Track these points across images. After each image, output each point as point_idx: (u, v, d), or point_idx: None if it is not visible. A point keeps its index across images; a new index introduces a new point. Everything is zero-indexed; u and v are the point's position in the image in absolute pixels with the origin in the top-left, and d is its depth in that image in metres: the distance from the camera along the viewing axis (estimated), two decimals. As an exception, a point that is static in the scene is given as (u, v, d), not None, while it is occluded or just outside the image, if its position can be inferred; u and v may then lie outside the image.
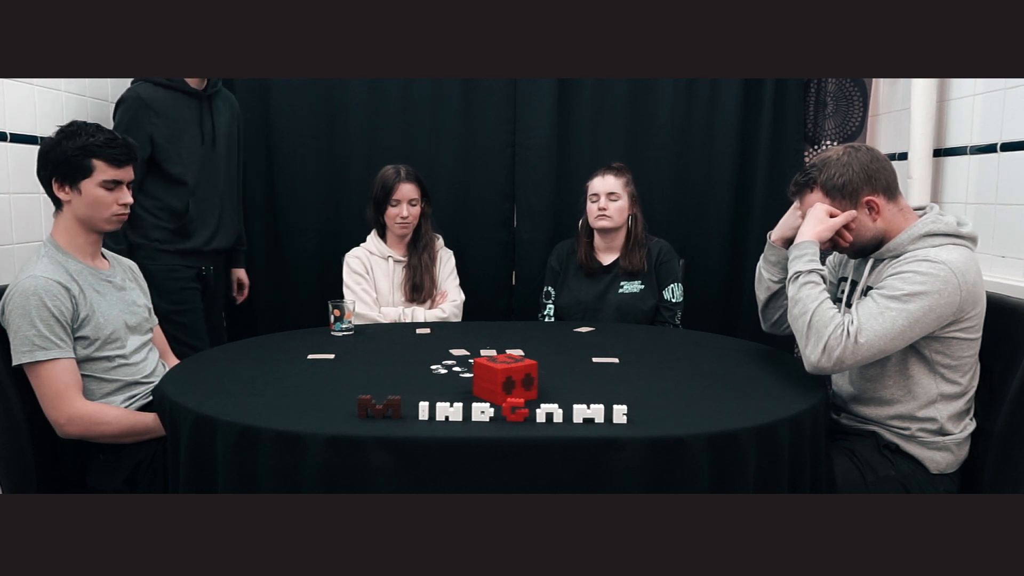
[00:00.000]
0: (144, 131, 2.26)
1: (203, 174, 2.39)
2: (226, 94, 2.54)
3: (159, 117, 2.29)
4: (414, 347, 1.93)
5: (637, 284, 2.42)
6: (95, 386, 1.68)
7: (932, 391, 1.56)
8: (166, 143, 2.31)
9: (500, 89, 2.80)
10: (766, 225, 2.20)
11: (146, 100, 2.27)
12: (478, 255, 2.87)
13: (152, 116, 2.28)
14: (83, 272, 1.70)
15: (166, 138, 2.31)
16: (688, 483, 1.22)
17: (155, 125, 2.28)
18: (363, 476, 1.22)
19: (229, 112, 2.52)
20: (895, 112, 2.70)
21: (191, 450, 1.36)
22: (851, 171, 1.59)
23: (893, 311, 1.47)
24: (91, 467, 1.68)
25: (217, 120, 2.43)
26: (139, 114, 2.27)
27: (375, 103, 2.80)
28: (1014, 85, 2.06)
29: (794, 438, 1.35)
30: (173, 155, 2.32)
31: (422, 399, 1.32)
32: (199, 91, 2.38)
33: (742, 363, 1.76)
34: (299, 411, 1.37)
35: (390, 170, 2.41)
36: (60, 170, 1.66)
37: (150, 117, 2.27)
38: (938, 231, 1.54)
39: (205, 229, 2.41)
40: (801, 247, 1.62)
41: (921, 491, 1.56)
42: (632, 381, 1.59)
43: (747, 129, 2.83)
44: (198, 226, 2.38)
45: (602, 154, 2.75)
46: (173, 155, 2.32)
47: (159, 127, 2.29)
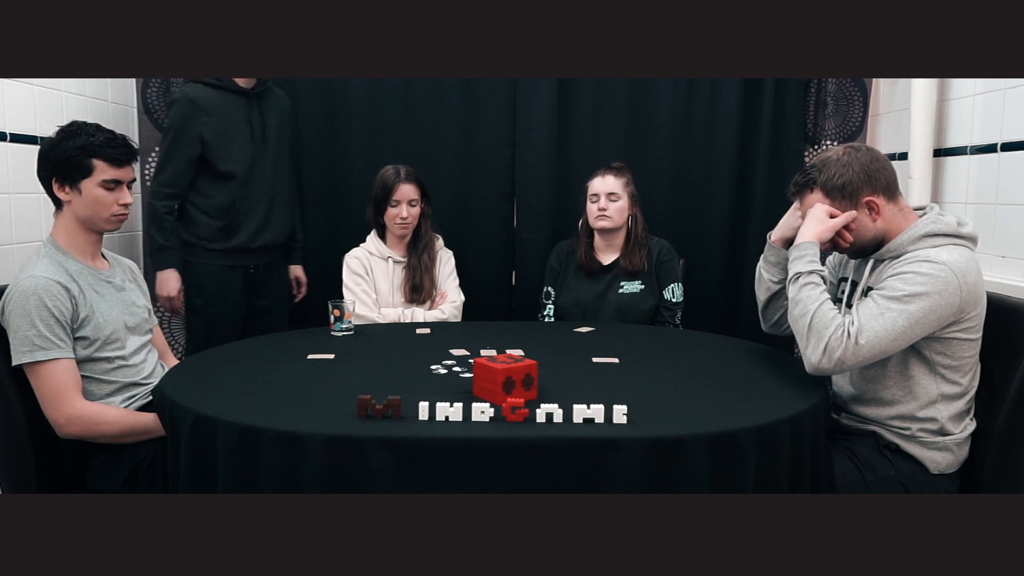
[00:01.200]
0: (195, 130, 2.33)
1: (252, 170, 2.44)
2: (277, 92, 2.57)
3: (209, 116, 2.34)
4: (414, 347, 1.93)
5: (637, 284, 2.42)
6: (94, 387, 1.68)
7: (932, 391, 1.56)
8: (216, 140, 2.37)
9: (500, 89, 2.80)
10: (766, 225, 2.20)
11: (196, 100, 2.33)
12: (478, 255, 2.87)
13: (202, 115, 2.33)
14: (83, 272, 1.70)
15: (216, 135, 2.36)
16: (688, 483, 1.22)
17: (205, 124, 2.34)
18: (363, 476, 1.22)
19: (280, 109, 2.56)
20: (895, 112, 2.70)
21: (191, 450, 1.36)
22: (851, 171, 1.59)
23: (894, 312, 1.47)
24: (91, 467, 1.68)
25: (267, 117, 2.48)
26: (190, 114, 2.33)
27: (375, 103, 2.80)
28: (1014, 85, 2.05)
29: (794, 438, 1.35)
30: (223, 152, 2.38)
31: (422, 399, 1.32)
32: (247, 89, 2.42)
33: (742, 363, 1.76)
34: (299, 411, 1.37)
35: (390, 170, 2.41)
36: (60, 170, 1.66)
37: (200, 116, 2.33)
38: (938, 231, 1.54)
39: (251, 224, 2.46)
40: (801, 248, 1.62)
41: (921, 491, 1.56)
42: (632, 381, 1.59)
43: (747, 129, 2.83)
44: (244, 220, 2.44)
45: (602, 154, 2.75)
46: (223, 152, 2.38)
47: (209, 125, 2.34)
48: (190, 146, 2.35)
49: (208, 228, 2.42)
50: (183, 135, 2.34)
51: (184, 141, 2.34)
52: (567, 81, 2.80)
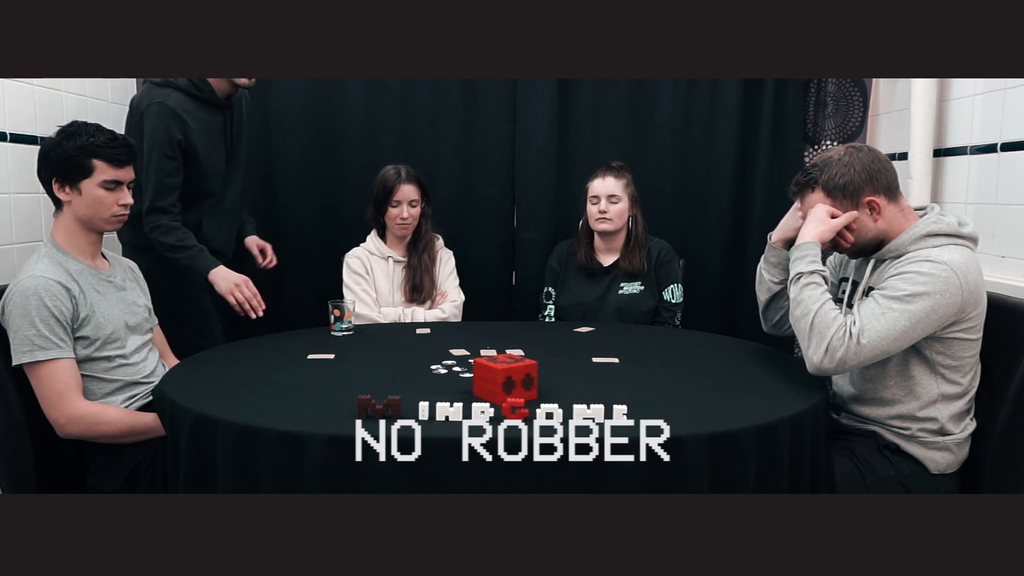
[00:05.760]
0: (174, 139, 2.13)
1: (221, 190, 2.31)
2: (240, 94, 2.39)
3: (192, 132, 2.16)
4: (414, 347, 1.93)
5: (637, 285, 2.42)
6: (95, 386, 1.68)
7: (933, 391, 1.56)
8: (193, 158, 2.19)
9: (500, 89, 2.80)
10: (766, 225, 2.20)
11: (176, 110, 2.13)
12: (478, 255, 2.87)
13: (182, 125, 2.14)
14: (83, 272, 1.70)
15: (194, 153, 2.19)
16: (688, 483, 1.22)
17: (186, 137, 2.15)
18: (363, 476, 1.22)
19: (242, 114, 2.41)
20: (895, 112, 2.70)
21: (191, 450, 1.35)
22: (852, 171, 1.59)
23: (895, 312, 1.47)
24: (91, 467, 1.68)
25: (237, 131, 2.34)
26: (171, 124, 2.12)
27: (375, 103, 2.80)
28: (1014, 85, 2.05)
29: (794, 438, 1.35)
30: (196, 171, 2.21)
31: (422, 399, 1.32)
32: (225, 102, 2.25)
33: (742, 363, 1.76)
34: (299, 411, 1.37)
35: (391, 170, 2.41)
36: (60, 170, 1.66)
37: (180, 126, 2.13)
38: (939, 231, 1.54)
39: (213, 241, 2.31)
40: (802, 248, 1.62)
41: (921, 491, 1.56)
42: (632, 381, 1.59)
43: (747, 129, 2.83)
44: (207, 240, 2.27)
45: (602, 154, 2.75)
46: (196, 171, 2.21)
47: (190, 140, 2.16)
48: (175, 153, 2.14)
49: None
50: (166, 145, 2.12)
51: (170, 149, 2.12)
52: (567, 81, 2.80)
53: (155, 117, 2.11)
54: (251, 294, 2.12)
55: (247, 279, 2.15)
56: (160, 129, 2.11)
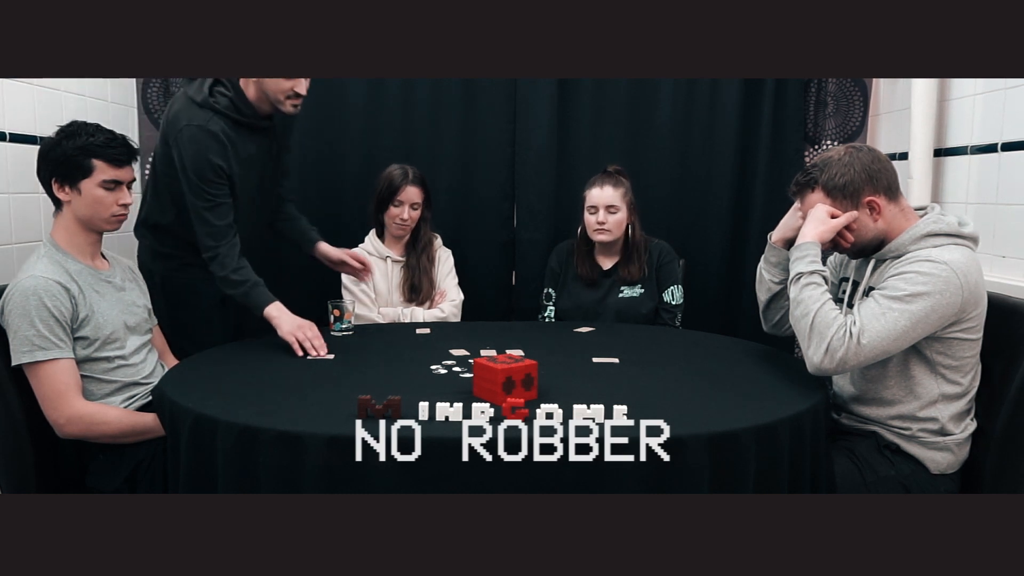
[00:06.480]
0: (214, 162, 1.94)
1: (249, 214, 2.13)
2: None
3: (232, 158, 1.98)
4: (414, 347, 1.93)
5: (637, 288, 2.41)
6: (94, 386, 1.68)
7: (933, 391, 1.56)
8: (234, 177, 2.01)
9: (500, 89, 2.80)
10: (766, 225, 2.19)
11: (218, 134, 1.94)
12: (478, 255, 2.87)
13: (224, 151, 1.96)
14: (83, 272, 1.70)
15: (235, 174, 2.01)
16: (688, 483, 1.22)
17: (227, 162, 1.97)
18: (363, 476, 1.22)
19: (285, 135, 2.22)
20: (895, 112, 2.70)
21: (191, 450, 1.35)
22: (853, 171, 1.59)
23: (895, 312, 1.47)
24: (91, 467, 1.68)
25: (275, 153, 2.17)
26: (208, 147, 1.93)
27: (375, 103, 2.79)
28: (1014, 85, 2.05)
29: (794, 438, 1.35)
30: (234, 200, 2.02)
31: (422, 399, 1.32)
32: (267, 123, 2.06)
33: (742, 363, 1.76)
34: (299, 411, 1.37)
35: (398, 170, 2.41)
36: (60, 170, 1.66)
37: (222, 151, 1.95)
38: (939, 231, 1.54)
39: None
40: (802, 248, 1.62)
41: (921, 491, 1.56)
42: (632, 381, 1.59)
43: (747, 129, 2.82)
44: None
45: (602, 154, 2.74)
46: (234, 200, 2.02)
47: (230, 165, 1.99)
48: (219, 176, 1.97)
49: (190, 251, 2.06)
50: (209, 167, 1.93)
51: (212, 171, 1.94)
52: (567, 81, 2.80)
53: (192, 142, 1.93)
54: (314, 335, 1.90)
55: (311, 323, 1.95)
56: (202, 153, 1.93)
